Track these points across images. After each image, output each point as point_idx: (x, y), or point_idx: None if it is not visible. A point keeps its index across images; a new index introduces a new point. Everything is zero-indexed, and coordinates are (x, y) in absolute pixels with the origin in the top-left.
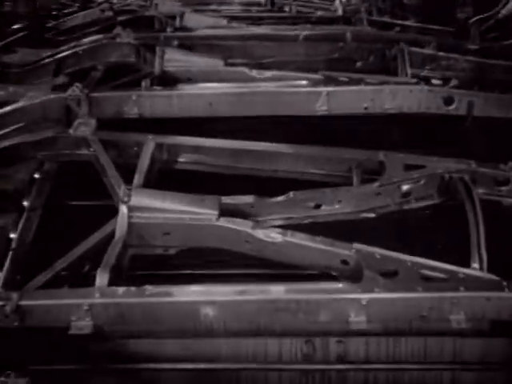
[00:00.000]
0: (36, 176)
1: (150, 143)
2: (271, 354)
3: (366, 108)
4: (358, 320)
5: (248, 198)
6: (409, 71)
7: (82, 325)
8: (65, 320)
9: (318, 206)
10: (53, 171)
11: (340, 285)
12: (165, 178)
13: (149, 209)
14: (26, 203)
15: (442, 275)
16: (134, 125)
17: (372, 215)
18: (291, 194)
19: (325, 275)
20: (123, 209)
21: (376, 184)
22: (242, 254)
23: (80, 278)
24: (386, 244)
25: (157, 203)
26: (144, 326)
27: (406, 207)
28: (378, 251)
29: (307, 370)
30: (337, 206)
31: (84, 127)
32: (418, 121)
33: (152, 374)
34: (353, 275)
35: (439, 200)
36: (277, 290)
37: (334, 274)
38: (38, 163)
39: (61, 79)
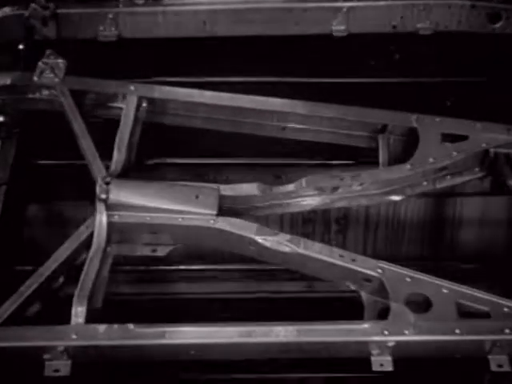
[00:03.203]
0: None
1: (132, 98)
2: None
3: (394, 27)
4: (381, 360)
5: (252, 188)
6: None
7: (59, 365)
8: (37, 359)
9: (335, 188)
10: (17, 120)
11: (364, 325)
12: (150, 136)
13: (132, 207)
14: None
15: (482, 307)
16: (113, 46)
17: (400, 197)
18: (303, 180)
19: None
20: (101, 209)
21: (407, 166)
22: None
23: (53, 294)
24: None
25: (141, 200)
26: None
27: (439, 185)
28: (407, 273)
29: None
30: (358, 188)
31: (50, 72)
32: (455, 41)
33: None
34: (375, 291)
35: (480, 175)
36: (286, 332)
37: (353, 288)
38: None
39: None
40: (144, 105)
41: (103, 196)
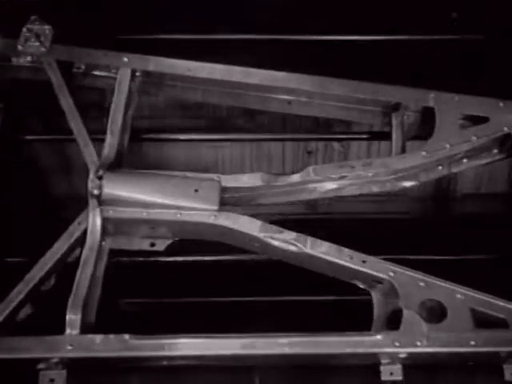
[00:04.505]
0: None
1: (125, 71)
2: None
3: None
4: (391, 368)
5: (255, 179)
6: None
7: (54, 374)
8: (31, 369)
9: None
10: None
11: (374, 337)
12: (146, 108)
13: (127, 202)
14: None
15: (498, 315)
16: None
17: (414, 183)
18: (311, 170)
19: None
20: (94, 205)
21: (422, 153)
22: None
23: (44, 295)
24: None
25: (137, 194)
26: None
27: (455, 170)
28: (421, 277)
29: None
30: (369, 174)
31: (36, 41)
32: None
33: None
34: (386, 293)
35: (499, 157)
36: (291, 344)
37: (363, 287)
38: None
39: None
40: (138, 74)
41: (96, 192)
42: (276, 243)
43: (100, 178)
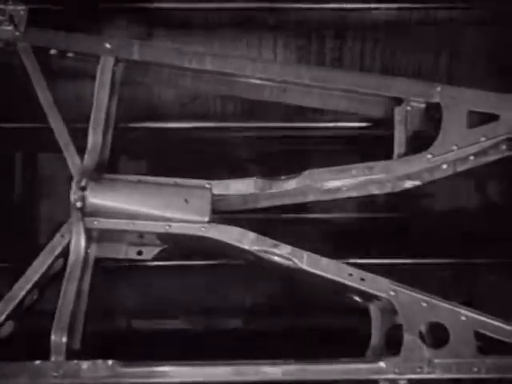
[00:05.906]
0: None
1: (107, 59)
2: None
3: None
4: None
5: (248, 186)
6: None
7: None
8: None
9: None
10: None
11: (373, 364)
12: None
13: (113, 213)
14: None
15: (502, 338)
16: None
17: (416, 183)
18: (307, 174)
19: None
20: (78, 217)
21: (427, 156)
22: None
23: (26, 312)
24: None
25: (123, 205)
26: None
27: (460, 168)
28: (423, 297)
29: None
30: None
31: (10, 24)
32: None
33: None
34: (385, 309)
35: (508, 154)
36: (286, 371)
37: (359, 300)
38: None
39: None
40: (121, 71)
41: (79, 204)
42: (270, 258)
43: (83, 188)
